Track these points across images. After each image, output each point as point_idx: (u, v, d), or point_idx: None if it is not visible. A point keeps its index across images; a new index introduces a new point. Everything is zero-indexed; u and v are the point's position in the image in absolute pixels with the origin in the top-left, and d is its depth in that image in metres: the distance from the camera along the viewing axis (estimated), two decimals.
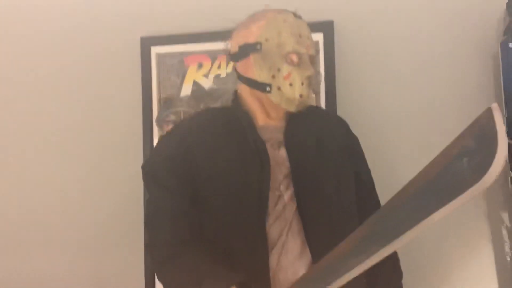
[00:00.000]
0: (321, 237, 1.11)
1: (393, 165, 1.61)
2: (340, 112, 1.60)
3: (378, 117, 1.63)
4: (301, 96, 1.12)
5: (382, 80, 1.64)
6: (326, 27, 1.63)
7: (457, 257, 1.57)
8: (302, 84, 1.12)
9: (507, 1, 1.49)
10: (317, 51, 1.63)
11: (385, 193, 1.38)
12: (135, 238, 1.71)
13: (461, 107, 1.59)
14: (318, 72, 1.64)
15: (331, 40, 1.63)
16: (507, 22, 1.48)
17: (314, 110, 1.29)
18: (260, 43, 1.13)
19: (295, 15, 1.17)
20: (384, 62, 1.65)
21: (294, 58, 1.12)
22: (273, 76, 1.12)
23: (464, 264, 1.57)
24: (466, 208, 1.57)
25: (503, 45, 1.46)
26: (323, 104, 1.63)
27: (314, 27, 1.60)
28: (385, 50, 1.65)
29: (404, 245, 0.76)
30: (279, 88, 1.12)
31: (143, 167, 1.23)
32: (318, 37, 1.63)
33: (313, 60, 1.18)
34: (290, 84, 1.12)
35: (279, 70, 1.12)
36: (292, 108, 1.14)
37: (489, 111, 0.73)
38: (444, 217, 1.60)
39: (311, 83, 1.16)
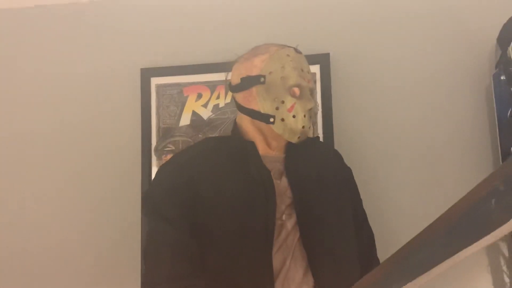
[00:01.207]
0: (324, 265, 1.12)
1: (389, 195, 1.62)
2: (337, 142, 1.62)
3: (374, 146, 1.65)
4: (303, 127, 1.16)
5: (377, 110, 1.67)
6: (323, 59, 1.68)
7: (454, 276, 1.56)
8: (305, 116, 1.16)
9: (497, 34, 1.54)
10: (314, 82, 1.67)
11: (379, 223, 1.41)
12: (132, 270, 1.69)
13: (455, 138, 1.62)
14: (315, 103, 1.67)
15: (328, 71, 1.67)
16: (498, 55, 1.53)
17: (311, 141, 1.31)
18: (264, 76, 1.16)
19: (296, 50, 1.21)
20: (378, 93, 1.68)
21: (297, 91, 1.16)
22: (277, 108, 1.15)
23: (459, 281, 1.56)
24: None
25: (495, 77, 1.50)
26: (320, 134, 1.65)
27: (311, 59, 1.64)
28: (380, 81, 1.68)
29: (426, 282, 0.76)
30: (282, 120, 1.15)
31: (143, 198, 1.23)
32: (315, 68, 1.67)
33: (313, 92, 1.22)
34: (294, 116, 1.15)
35: (283, 102, 1.15)
36: (294, 139, 1.17)
37: None
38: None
39: (312, 115, 1.20)
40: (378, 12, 1.71)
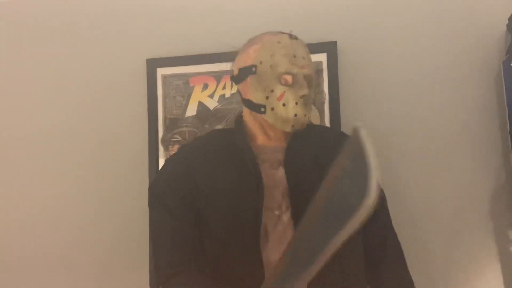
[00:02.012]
0: None
1: (399, 183, 1.61)
2: (344, 130, 1.61)
3: (382, 134, 1.64)
4: (296, 115, 1.13)
5: (384, 99, 1.66)
6: (330, 47, 1.66)
7: (465, 278, 1.56)
8: (296, 103, 1.13)
9: (507, 21, 1.51)
10: (320, 71, 1.65)
11: (394, 205, 1.38)
12: (140, 259, 1.70)
13: (464, 126, 1.60)
14: (321, 91, 1.65)
15: (335, 59, 1.66)
16: (509, 42, 1.50)
17: (317, 129, 1.29)
18: (255, 66, 1.16)
19: (291, 36, 1.18)
20: (386, 81, 1.66)
21: (288, 78, 1.14)
22: (267, 97, 1.14)
23: (471, 284, 1.55)
24: (474, 228, 1.56)
25: (505, 64, 1.48)
26: (327, 123, 1.64)
27: (318, 47, 1.64)
28: (387, 69, 1.67)
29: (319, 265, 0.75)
30: (272, 109, 1.14)
31: (149, 189, 1.24)
32: (322, 57, 1.65)
33: (310, 79, 1.18)
34: (284, 105, 1.13)
35: (272, 91, 1.14)
36: (288, 128, 1.15)
37: (356, 131, 0.72)
38: (451, 239, 1.62)
39: (307, 102, 1.16)
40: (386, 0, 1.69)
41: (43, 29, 1.90)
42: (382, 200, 1.30)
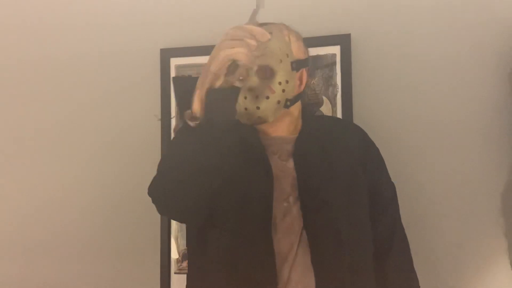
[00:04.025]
0: (326, 252, 1.09)
1: (411, 174, 1.60)
2: (356, 123, 1.61)
3: (394, 128, 1.64)
4: (246, 109, 1.10)
5: (398, 92, 1.65)
6: (343, 40, 1.65)
7: (474, 274, 1.55)
8: (246, 98, 1.10)
9: None
10: (333, 63, 1.64)
11: (404, 201, 1.39)
12: (151, 245, 1.73)
13: (478, 119, 1.59)
14: (334, 84, 1.65)
15: (348, 52, 1.65)
16: None
17: (327, 120, 1.29)
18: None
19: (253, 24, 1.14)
20: (400, 74, 1.65)
21: (242, 72, 1.11)
22: None
23: (481, 280, 1.55)
24: (484, 224, 1.56)
25: None
26: (339, 115, 1.64)
27: (332, 40, 1.63)
28: (401, 62, 1.65)
29: None
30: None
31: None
32: (336, 49, 1.65)
33: (264, 69, 1.10)
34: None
35: None
36: (247, 122, 1.12)
37: None
38: (462, 235, 1.59)
39: (259, 93, 1.10)
40: None
41: (56, 16, 1.91)
42: (392, 193, 1.31)
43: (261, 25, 1.13)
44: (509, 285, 1.53)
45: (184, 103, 0.96)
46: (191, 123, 0.94)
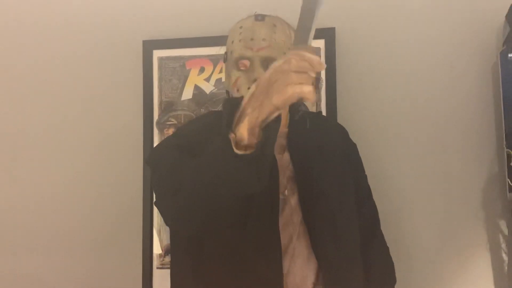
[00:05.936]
0: (326, 242, 1.11)
1: (393, 171, 1.62)
2: (340, 118, 1.61)
3: (378, 123, 1.65)
4: None
5: (382, 86, 1.66)
6: (328, 34, 1.65)
7: (454, 265, 1.58)
8: (249, 88, 1.06)
9: (506, 11, 1.51)
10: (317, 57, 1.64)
11: (383, 198, 1.41)
12: (133, 240, 1.71)
13: (459, 114, 1.61)
14: (319, 78, 1.65)
15: (333, 46, 1.65)
16: (507, 32, 1.50)
17: (315, 115, 1.30)
18: (226, 53, 1.19)
19: (257, 18, 1.15)
20: (384, 68, 1.66)
21: (246, 63, 1.12)
22: (228, 84, 1.17)
23: (461, 272, 1.58)
24: (464, 216, 1.58)
25: (502, 55, 1.48)
26: (324, 110, 1.64)
27: (316, 33, 1.60)
28: (386, 56, 1.66)
29: None
30: (231, 95, 1.15)
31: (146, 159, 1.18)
32: (320, 43, 1.64)
33: (270, 61, 1.08)
34: (237, 90, 1.12)
35: (230, 77, 1.15)
36: None
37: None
38: (442, 229, 1.61)
39: None
40: None
41: (38, 9, 1.87)
42: (369, 187, 1.36)
43: (264, 16, 1.16)
44: (488, 277, 1.56)
45: (231, 124, 0.87)
46: (240, 152, 0.84)
